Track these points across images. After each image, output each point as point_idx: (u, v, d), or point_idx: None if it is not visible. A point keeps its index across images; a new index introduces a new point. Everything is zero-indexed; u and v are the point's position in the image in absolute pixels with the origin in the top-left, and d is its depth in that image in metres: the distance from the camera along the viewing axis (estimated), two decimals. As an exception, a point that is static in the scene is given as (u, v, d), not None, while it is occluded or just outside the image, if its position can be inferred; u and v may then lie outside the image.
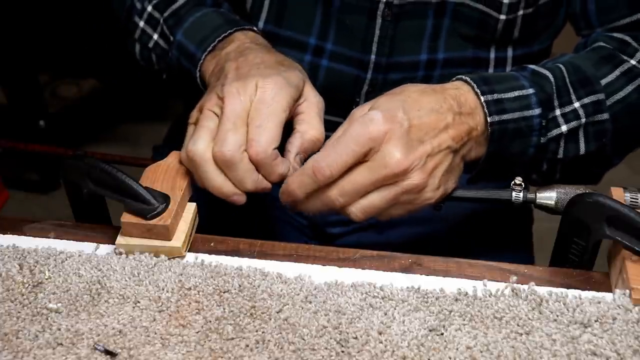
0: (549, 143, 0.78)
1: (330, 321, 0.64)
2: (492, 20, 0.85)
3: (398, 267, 0.71)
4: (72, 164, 0.75)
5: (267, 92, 0.71)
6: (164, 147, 1.02)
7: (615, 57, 0.82)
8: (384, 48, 0.87)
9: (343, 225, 0.96)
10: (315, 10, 0.87)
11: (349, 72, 0.88)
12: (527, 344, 0.61)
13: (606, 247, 0.71)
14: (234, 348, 0.61)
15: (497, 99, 0.75)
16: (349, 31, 0.87)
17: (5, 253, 0.71)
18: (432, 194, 0.72)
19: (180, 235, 0.71)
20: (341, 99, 0.88)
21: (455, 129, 0.72)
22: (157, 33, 0.91)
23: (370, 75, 0.88)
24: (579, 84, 0.79)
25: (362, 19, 0.86)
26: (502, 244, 0.99)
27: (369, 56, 0.87)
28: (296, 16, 0.87)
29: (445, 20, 0.86)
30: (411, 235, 0.94)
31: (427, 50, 0.87)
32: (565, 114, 0.78)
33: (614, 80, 0.80)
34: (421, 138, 0.70)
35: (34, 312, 0.65)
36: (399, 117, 0.69)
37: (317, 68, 0.89)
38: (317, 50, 0.88)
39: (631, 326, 0.63)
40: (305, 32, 0.88)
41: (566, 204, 0.71)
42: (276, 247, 0.73)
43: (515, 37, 0.88)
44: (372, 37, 0.86)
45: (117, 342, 0.62)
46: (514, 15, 0.85)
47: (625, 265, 0.66)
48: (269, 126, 0.71)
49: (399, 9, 0.85)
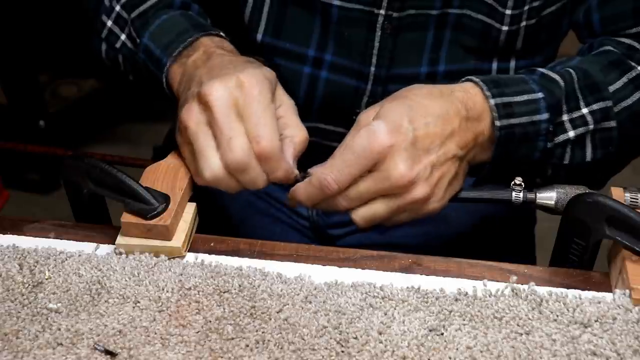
0: (556, 148, 0.77)
1: (330, 321, 0.64)
2: (495, 31, 0.84)
3: (398, 267, 0.71)
4: (72, 164, 0.75)
5: (252, 88, 0.70)
6: (164, 148, 1.02)
7: (623, 63, 0.81)
8: (383, 60, 0.86)
9: (344, 226, 0.96)
10: (313, 22, 0.86)
11: (348, 83, 0.88)
12: (527, 344, 0.61)
13: (606, 247, 0.71)
14: (234, 348, 0.61)
15: (506, 103, 0.74)
16: (348, 43, 0.86)
17: (5, 253, 0.71)
18: (438, 204, 0.72)
19: (180, 235, 0.71)
20: (341, 109, 0.88)
21: (461, 135, 0.72)
22: (124, 34, 0.88)
23: (370, 87, 0.87)
24: (588, 90, 0.78)
25: (361, 31, 0.85)
26: (505, 244, 0.98)
27: (369, 68, 0.86)
28: (295, 28, 0.86)
29: (446, 31, 0.85)
30: (412, 234, 0.93)
31: (428, 63, 0.86)
32: (573, 120, 0.77)
33: (621, 88, 0.79)
34: (427, 148, 0.70)
35: (34, 312, 0.65)
36: (404, 128, 0.69)
37: (317, 80, 0.88)
38: (316, 62, 0.88)
39: (631, 326, 0.62)
40: (304, 44, 0.87)
41: (566, 204, 0.71)
42: (276, 247, 0.73)
43: (518, 48, 0.87)
44: (372, 49, 0.85)
45: (117, 342, 0.62)
46: (517, 26, 0.84)
47: (625, 265, 0.66)
48: (267, 121, 0.70)
49: (399, 22, 0.84)
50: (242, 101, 0.69)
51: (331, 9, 0.84)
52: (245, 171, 0.69)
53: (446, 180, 0.72)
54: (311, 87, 0.85)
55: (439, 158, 0.70)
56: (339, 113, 0.86)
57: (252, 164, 0.69)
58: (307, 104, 0.88)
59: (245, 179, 0.70)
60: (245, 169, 0.69)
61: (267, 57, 0.87)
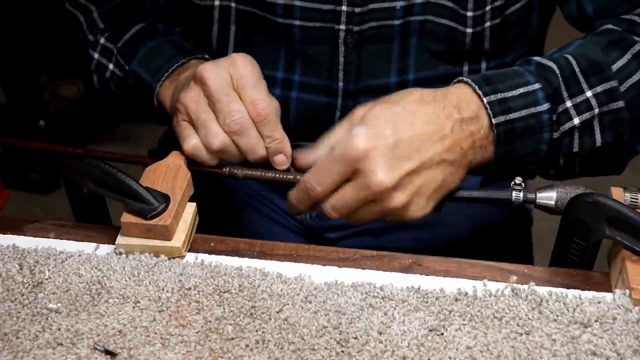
0: (563, 137, 0.75)
1: (330, 321, 0.64)
2: (459, 34, 0.83)
3: (398, 267, 0.71)
4: (72, 164, 0.75)
5: (245, 64, 0.74)
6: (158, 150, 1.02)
7: (625, 40, 0.78)
8: (350, 75, 0.85)
9: (340, 230, 0.96)
10: (279, 44, 0.86)
11: (318, 100, 0.88)
12: (527, 344, 0.61)
13: (606, 247, 0.71)
14: (234, 348, 0.61)
15: (500, 99, 0.72)
16: (313, 61, 0.86)
17: (5, 253, 0.71)
18: (419, 212, 0.71)
19: (180, 235, 0.71)
20: (315, 127, 0.88)
21: (454, 138, 0.70)
22: (112, 63, 0.92)
23: (341, 102, 0.87)
24: (591, 71, 0.76)
25: (324, 48, 0.85)
26: (502, 246, 0.98)
27: (337, 84, 0.86)
28: (261, 52, 0.86)
29: (411, 39, 0.84)
30: (409, 239, 0.93)
31: (397, 72, 0.86)
32: (577, 105, 0.74)
33: (625, 65, 0.76)
34: (409, 154, 0.69)
35: (34, 312, 0.65)
36: (384, 135, 0.68)
37: (288, 100, 0.88)
38: (285, 83, 0.88)
39: (631, 326, 0.63)
40: (272, 67, 0.87)
41: (566, 204, 0.71)
42: (276, 247, 0.73)
43: (486, 49, 0.85)
44: (337, 65, 0.85)
45: (117, 342, 0.62)
46: (481, 27, 0.83)
47: (625, 265, 0.66)
48: (261, 88, 0.73)
49: (360, 35, 0.83)
50: (236, 74, 0.73)
51: (293, 29, 0.84)
52: (245, 134, 0.72)
53: (429, 188, 0.70)
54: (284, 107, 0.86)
55: (423, 164, 0.69)
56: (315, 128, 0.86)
57: (250, 126, 0.72)
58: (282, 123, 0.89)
59: (245, 143, 0.73)
60: (244, 131, 0.72)
61: None
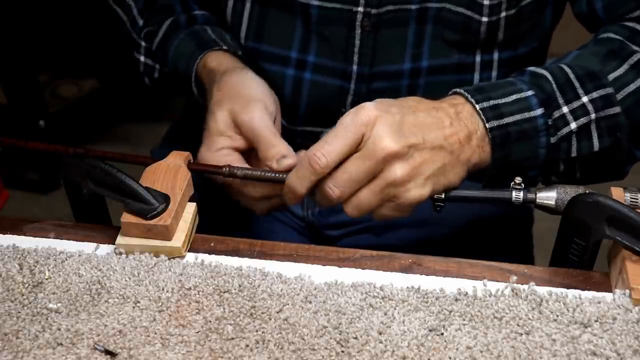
0: (561, 142, 0.76)
1: (330, 321, 0.64)
2: (475, 23, 0.84)
3: (398, 267, 0.71)
4: (72, 164, 0.75)
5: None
6: (161, 149, 1.02)
7: (624, 50, 0.80)
8: (365, 58, 0.86)
9: (341, 228, 0.96)
10: (294, 23, 0.86)
11: (332, 83, 0.88)
12: (527, 344, 0.61)
13: (606, 247, 0.71)
14: (234, 348, 0.61)
15: (493, 105, 0.74)
16: (329, 43, 0.86)
17: (5, 253, 0.71)
18: (418, 191, 0.70)
19: (180, 235, 0.71)
20: (327, 110, 0.88)
21: (453, 130, 0.72)
22: (158, 63, 0.96)
23: (354, 86, 0.88)
24: (586, 78, 0.77)
25: (341, 30, 0.85)
26: (503, 245, 0.98)
27: (352, 67, 0.86)
28: (276, 31, 0.87)
29: (427, 26, 0.85)
30: (410, 238, 0.93)
31: (411, 59, 0.86)
32: (574, 110, 0.76)
33: (622, 75, 0.78)
34: (413, 132, 0.70)
35: (34, 312, 0.65)
36: (392, 110, 0.70)
37: (301, 81, 0.88)
38: (299, 64, 0.88)
39: (631, 326, 0.63)
40: (286, 46, 0.87)
41: (566, 204, 0.71)
42: (276, 247, 0.73)
43: (500, 39, 0.87)
44: (353, 47, 0.86)
45: (117, 342, 0.62)
46: (497, 17, 0.84)
47: (625, 265, 0.66)
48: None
49: (378, 18, 0.84)
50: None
51: (310, 9, 0.84)
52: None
53: (429, 167, 0.70)
54: (296, 89, 0.85)
55: (425, 142, 0.70)
56: (326, 114, 0.86)
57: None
58: (294, 106, 0.89)
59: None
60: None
61: (251, 60, 0.88)
